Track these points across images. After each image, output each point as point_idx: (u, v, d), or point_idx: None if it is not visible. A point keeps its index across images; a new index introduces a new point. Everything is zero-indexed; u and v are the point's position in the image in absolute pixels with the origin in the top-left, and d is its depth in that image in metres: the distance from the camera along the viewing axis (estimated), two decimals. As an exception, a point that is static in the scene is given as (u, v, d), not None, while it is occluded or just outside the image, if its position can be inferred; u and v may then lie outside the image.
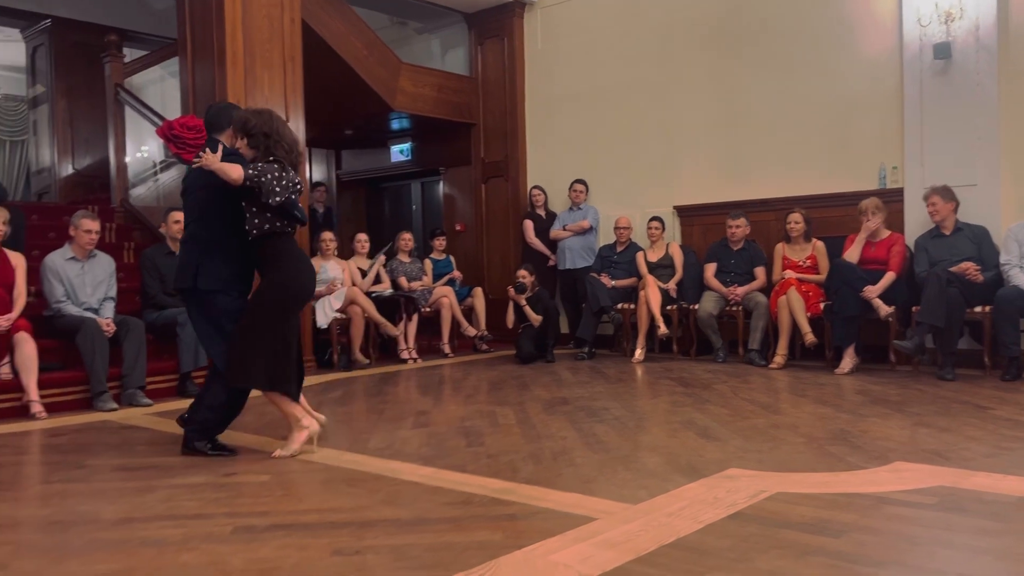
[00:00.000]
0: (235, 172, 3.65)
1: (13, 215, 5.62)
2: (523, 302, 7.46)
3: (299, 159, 3.93)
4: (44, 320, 5.45)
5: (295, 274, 3.84)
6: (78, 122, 9.33)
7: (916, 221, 6.29)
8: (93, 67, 8.96)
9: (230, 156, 3.84)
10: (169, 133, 6.25)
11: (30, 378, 5.00)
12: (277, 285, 3.79)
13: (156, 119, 7.43)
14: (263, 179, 3.64)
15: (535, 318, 7.36)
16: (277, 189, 3.65)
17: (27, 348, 5.02)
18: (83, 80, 9.29)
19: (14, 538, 2.69)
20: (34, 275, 5.58)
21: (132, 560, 2.43)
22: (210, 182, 3.76)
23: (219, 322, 3.84)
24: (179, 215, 5.68)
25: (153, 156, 8.12)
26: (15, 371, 5.05)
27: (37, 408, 4.97)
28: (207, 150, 3.79)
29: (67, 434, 4.47)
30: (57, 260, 5.51)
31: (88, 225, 5.58)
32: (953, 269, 5.61)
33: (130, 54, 9.14)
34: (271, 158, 3.73)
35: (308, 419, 3.88)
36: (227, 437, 4.24)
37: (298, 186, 3.80)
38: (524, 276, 7.51)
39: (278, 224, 3.76)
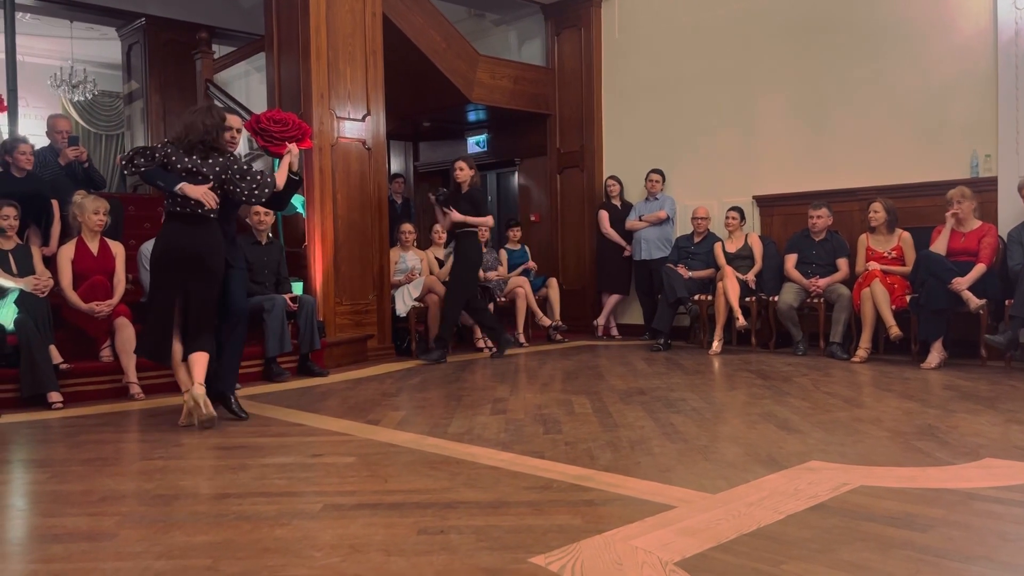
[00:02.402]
0: None
1: (112, 206, 5.90)
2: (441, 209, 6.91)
3: (193, 142, 4.28)
4: (141, 306, 5.73)
5: (156, 245, 4.44)
6: (170, 117, 9.70)
7: (1010, 211, 6.05)
8: (184, 63, 9.34)
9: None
10: (256, 127, 6.42)
11: (129, 361, 5.26)
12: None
13: (243, 113, 7.68)
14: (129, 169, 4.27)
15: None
16: (132, 167, 4.23)
17: (126, 332, 5.28)
18: (175, 76, 9.69)
19: (121, 510, 2.85)
20: (132, 263, 5.86)
21: (230, 533, 2.57)
22: None
23: None
24: (258, 208, 5.94)
25: (240, 149, 8.39)
26: (115, 354, 5.32)
27: (135, 390, 5.23)
28: None
29: (164, 414, 4.70)
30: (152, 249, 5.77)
31: (180, 215, 5.82)
32: (1050, 261, 5.39)
33: (219, 50, 9.49)
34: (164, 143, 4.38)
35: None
36: (312, 419, 4.42)
37: (178, 164, 4.25)
38: (461, 168, 6.89)
39: (168, 201, 4.33)
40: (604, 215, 8.49)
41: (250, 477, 3.25)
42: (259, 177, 4.45)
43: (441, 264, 7.74)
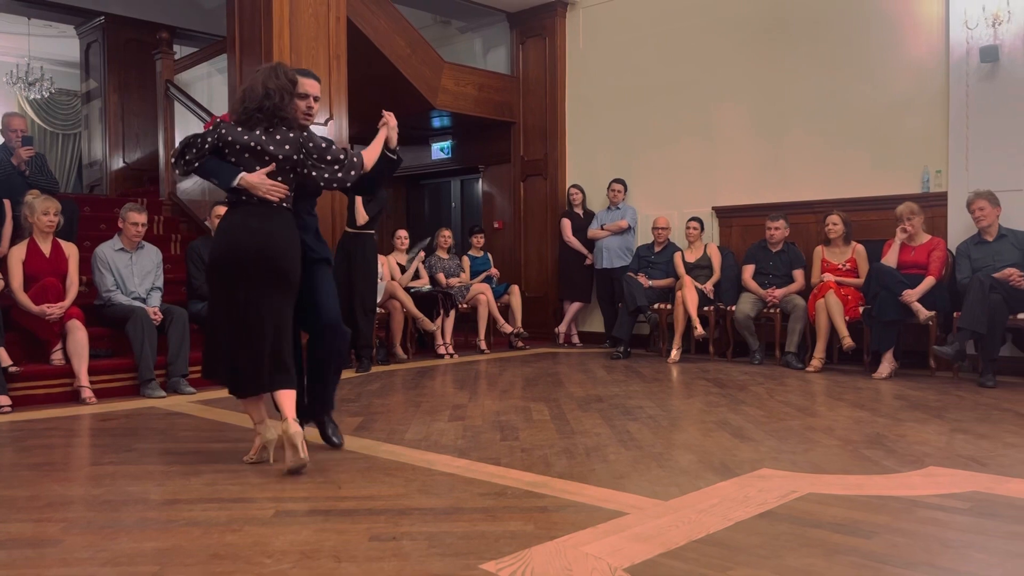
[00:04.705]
0: None
1: (66, 206, 5.80)
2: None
3: (251, 110, 3.42)
4: (95, 309, 5.64)
5: (214, 244, 3.51)
6: (129, 117, 9.58)
7: (959, 226, 6.21)
8: (144, 63, 9.22)
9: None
10: (218, 128, 6.38)
11: (81, 364, 5.17)
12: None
13: (204, 115, 7.60)
14: (180, 166, 3.43)
15: (363, 216, 6.51)
16: (183, 164, 3.40)
17: (79, 335, 5.20)
18: (134, 76, 9.55)
19: (68, 515, 2.80)
20: (85, 265, 5.76)
21: (179, 539, 2.53)
22: None
23: None
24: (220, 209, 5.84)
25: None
26: (67, 357, 5.22)
27: (87, 393, 5.14)
28: None
29: (116, 419, 4.62)
30: (107, 251, 5.69)
31: (135, 218, 5.75)
32: (996, 275, 5.54)
33: (180, 51, 9.37)
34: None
35: (264, 424, 3.57)
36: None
37: (236, 144, 3.39)
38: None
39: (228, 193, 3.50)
40: (566, 223, 8.55)
41: (201, 483, 3.21)
42: (342, 157, 3.58)
43: (403, 269, 7.72)
